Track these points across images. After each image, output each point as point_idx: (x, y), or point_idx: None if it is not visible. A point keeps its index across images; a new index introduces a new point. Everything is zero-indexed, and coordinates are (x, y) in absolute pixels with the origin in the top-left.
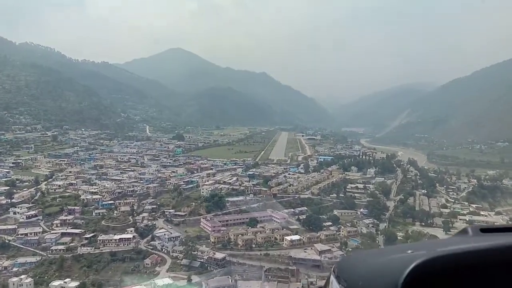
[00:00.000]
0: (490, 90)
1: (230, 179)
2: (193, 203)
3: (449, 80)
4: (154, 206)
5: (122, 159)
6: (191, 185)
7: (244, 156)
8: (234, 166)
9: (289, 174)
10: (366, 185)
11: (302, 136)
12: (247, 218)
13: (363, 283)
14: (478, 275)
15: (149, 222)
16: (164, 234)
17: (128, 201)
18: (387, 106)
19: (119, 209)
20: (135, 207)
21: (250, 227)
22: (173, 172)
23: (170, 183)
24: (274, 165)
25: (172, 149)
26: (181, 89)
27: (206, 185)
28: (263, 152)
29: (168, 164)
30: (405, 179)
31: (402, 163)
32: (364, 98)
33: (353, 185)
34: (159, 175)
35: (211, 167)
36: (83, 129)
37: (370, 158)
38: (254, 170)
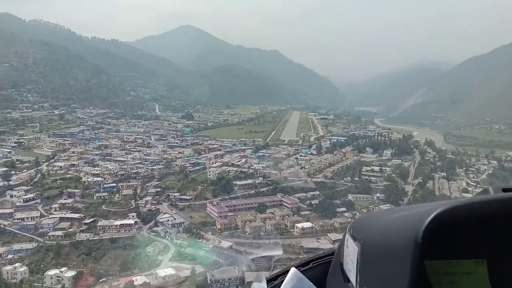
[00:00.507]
0: (509, 68)
1: (238, 161)
2: (199, 187)
3: (467, 58)
4: (159, 189)
5: (128, 139)
6: (198, 167)
7: (254, 137)
8: (243, 147)
9: (300, 156)
10: (382, 167)
11: (314, 115)
12: (255, 203)
13: (380, 237)
14: (500, 224)
15: (153, 206)
16: (168, 220)
17: (131, 183)
18: (401, 84)
19: (121, 192)
20: (138, 190)
21: (258, 213)
22: (180, 153)
23: (176, 164)
24: (285, 146)
25: (181, 129)
26: (192, 67)
27: (213, 167)
28: (274, 132)
29: (175, 144)
30: (423, 161)
31: (419, 144)
32: (377, 77)
33: (368, 168)
34: (165, 156)
35: (220, 148)
36: (91, 108)
37: (386, 139)
38: (264, 151)
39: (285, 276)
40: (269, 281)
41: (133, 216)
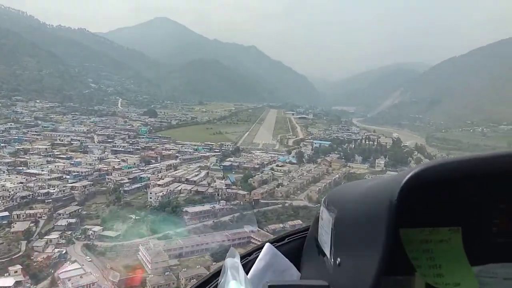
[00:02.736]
0: (489, 69)
1: (196, 175)
2: (133, 216)
3: (444, 59)
4: (73, 220)
5: (62, 140)
6: (138, 185)
7: (224, 139)
8: (208, 153)
9: (277, 165)
10: None
11: (293, 114)
12: (213, 242)
13: (354, 205)
14: (478, 182)
15: (57, 250)
16: (69, 280)
17: (34, 211)
18: (378, 85)
19: (12, 227)
20: (41, 223)
21: (214, 261)
22: (123, 161)
23: (110, 180)
24: (259, 152)
25: (137, 128)
26: (165, 60)
27: (159, 185)
28: (247, 133)
29: (120, 149)
30: None
31: (408, 148)
32: (354, 77)
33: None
34: (100, 166)
35: (177, 154)
36: (38, 101)
37: (374, 143)
38: (232, 159)
39: (260, 252)
40: (243, 256)
41: (15, 272)
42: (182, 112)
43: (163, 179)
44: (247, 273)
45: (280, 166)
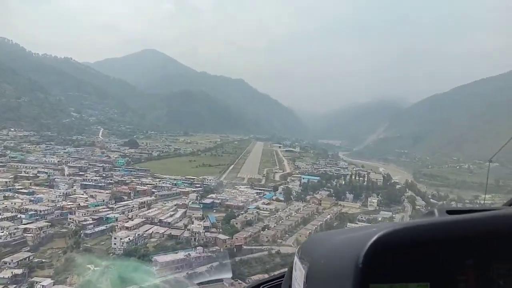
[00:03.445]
0: (471, 107)
1: (172, 214)
2: (91, 266)
3: (427, 96)
4: (20, 272)
5: (28, 172)
6: (103, 226)
7: (207, 172)
8: (187, 189)
9: (263, 203)
10: (372, 223)
11: (279, 147)
12: None
13: (325, 260)
14: (444, 247)
15: None
16: None
17: None
18: (362, 120)
19: None
20: None
21: None
22: (91, 197)
23: (73, 220)
24: (244, 187)
25: (115, 160)
26: (151, 91)
27: (127, 227)
28: (232, 166)
29: (91, 183)
30: (415, 212)
31: (398, 185)
32: (339, 111)
33: (354, 225)
34: (63, 203)
35: (153, 189)
36: (12, 129)
37: (365, 179)
38: (214, 195)
39: None
40: None
41: None
42: (165, 143)
43: (132, 220)
44: None
45: (266, 204)
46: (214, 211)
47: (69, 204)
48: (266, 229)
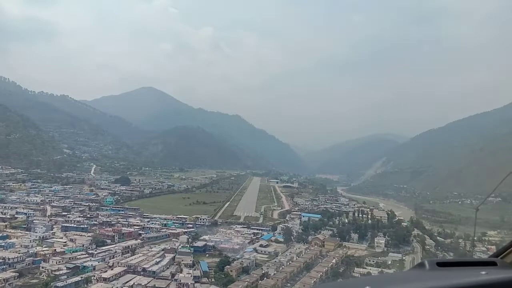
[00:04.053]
0: (467, 141)
1: (158, 261)
2: None
3: (422, 131)
4: None
5: (5, 214)
6: (79, 277)
7: (201, 210)
8: (178, 230)
9: (261, 245)
10: (383, 269)
11: (277, 182)
12: None
13: None
14: None
15: None
16: None
17: None
18: (359, 154)
19: None
20: None
21: None
22: (71, 241)
23: (45, 269)
24: (240, 227)
25: (103, 198)
26: (148, 127)
27: (105, 278)
28: (228, 203)
29: (72, 225)
30: (426, 253)
31: (404, 223)
32: (335, 146)
33: (363, 271)
34: (37, 249)
35: (140, 231)
36: (1, 166)
37: (368, 217)
38: (207, 237)
39: None
40: None
41: None
42: (159, 180)
43: (112, 269)
44: None
45: (265, 246)
46: (207, 255)
47: (44, 250)
48: (265, 278)
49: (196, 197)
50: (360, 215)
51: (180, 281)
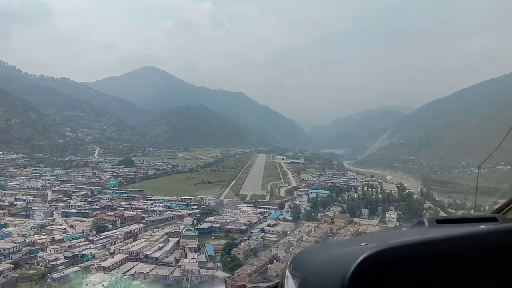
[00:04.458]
0: (475, 110)
1: (161, 246)
2: None
3: (428, 101)
4: None
5: (4, 201)
6: (77, 267)
7: (207, 190)
8: (183, 211)
9: (269, 225)
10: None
11: (282, 159)
12: None
13: (314, 277)
14: (429, 265)
15: None
16: None
17: None
18: (364, 128)
19: None
20: None
21: None
22: (71, 227)
23: (42, 259)
24: (247, 207)
25: (106, 181)
26: (151, 107)
27: (104, 268)
28: (233, 182)
29: (73, 210)
30: None
31: (415, 196)
32: (340, 120)
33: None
34: (34, 238)
35: (143, 215)
36: (1, 152)
37: (377, 191)
38: (213, 218)
39: None
40: None
41: None
42: (163, 160)
43: (112, 257)
44: None
45: (272, 226)
46: (213, 237)
47: (42, 238)
48: (275, 261)
49: (201, 176)
50: (370, 189)
51: (184, 267)
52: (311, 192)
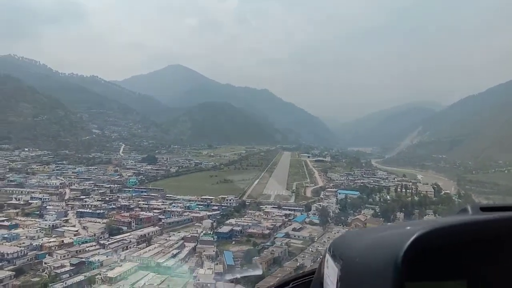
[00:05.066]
0: (511, 107)
1: (175, 254)
2: None
3: (460, 98)
4: None
5: (19, 199)
6: (82, 276)
7: (229, 189)
8: (202, 213)
9: (294, 229)
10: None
11: (308, 157)
12: None
13: (360, 259)
14: (480, 246)
15: None
16: None
17: None
18: (393, 125)
19: None
20: None
21: None
22: (84, 228)
23: (47, 265)
24: (271, 208)
25: (127, 179)
26: (177, 105)
27: (110, 278)
28: (257, 181)
29: (88, 210)
30: None
31: (452, 198)
32: (368, 117)
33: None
34: (43, 240)
35: (160, 216)
36: (26, 149)
37: (412, 192)
38: (234, 220)
39: None
40: None
41: None
42: (186, 158)
43: (121, 265)
44: None
45: (298, 231)
46: (233, 242)
47: (50, 242)
48: (301, 266)
49: (224, 174)
50: (403, 190)
51: (199, 279)
52: (339, 193)
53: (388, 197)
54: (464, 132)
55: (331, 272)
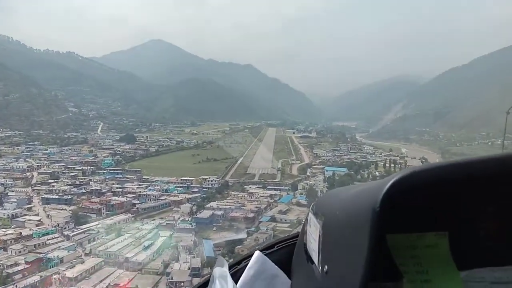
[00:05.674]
0: (496, 78)
1: (147, 246)
2: None
3: (444, 70)
4: None
5: None
6: (38, 276)
7: (211, 168)
8: (181, 196)
9: (280, 212)
10: None
11: (293, 133)
12: None
13: (340, 211)
14: (461, 189)
15: None
16: None
17: None
18: (377, 99)
19: None
20: None
21: None
22: (48, 217)
23: (0, 263)
24: (255, 188)
25: (102, 159)
26: (158, 81)
27: (69, 278)
28: (241, 159)
29: (55, 196)
30: None
31: None
32: (352, 91)
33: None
34: (2, 232)
35: (134, 201)
36: None
37: (401, 167)
38: (215, 204)
39: (249, 260)
40: (232, 265)
41: None
42: (168, 136)
43: (83, 262)
44: (236, 282)
45: (284, 213)
46: (214, 228)
47: (7, 234)
48: None
49: (206, 153)
50: (392, 165)
51: (172, 278)
52: (326, 170)
53: (377, 173)
54: (448, 104)
55: (313, 230)
